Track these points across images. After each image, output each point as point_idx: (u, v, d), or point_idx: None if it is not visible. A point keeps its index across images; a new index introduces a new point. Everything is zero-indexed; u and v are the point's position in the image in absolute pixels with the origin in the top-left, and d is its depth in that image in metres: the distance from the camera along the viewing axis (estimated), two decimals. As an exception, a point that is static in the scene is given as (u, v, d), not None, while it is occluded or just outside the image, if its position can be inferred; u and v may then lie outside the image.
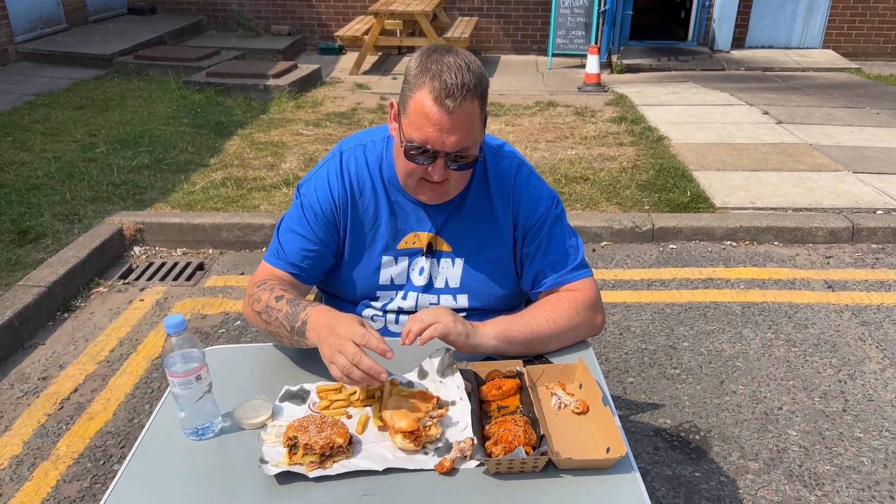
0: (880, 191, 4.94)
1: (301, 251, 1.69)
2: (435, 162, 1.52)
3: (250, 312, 1.67)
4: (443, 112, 1.45)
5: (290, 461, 1.28)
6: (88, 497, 2.48)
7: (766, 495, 2.48)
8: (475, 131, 1.52)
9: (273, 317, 1.58)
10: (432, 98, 1.45)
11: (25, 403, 2.96)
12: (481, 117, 1.53)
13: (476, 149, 1.56)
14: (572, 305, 1.67)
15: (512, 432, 1.31)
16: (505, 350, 1.59)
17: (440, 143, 1.48)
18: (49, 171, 5.10)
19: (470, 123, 1.49)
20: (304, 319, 1.51)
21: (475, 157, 1.56)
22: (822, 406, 2.93)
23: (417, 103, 1.47)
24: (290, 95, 7.38)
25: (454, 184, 1.60)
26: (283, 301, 1.58)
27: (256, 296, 1.64)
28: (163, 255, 4.28)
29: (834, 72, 9.07)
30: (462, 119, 1.47)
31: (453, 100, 1.44)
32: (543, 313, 1.64)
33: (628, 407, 2.95)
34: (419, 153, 1.51)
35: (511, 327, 1.59)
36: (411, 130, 1.50)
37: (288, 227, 1.72)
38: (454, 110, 1.45)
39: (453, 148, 1.49)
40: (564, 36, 9.02)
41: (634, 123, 6.58)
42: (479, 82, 1.49)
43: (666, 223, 4.44)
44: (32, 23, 8.75)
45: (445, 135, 1.47)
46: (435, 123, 1.46)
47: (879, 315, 3.60)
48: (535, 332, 1.61)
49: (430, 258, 1.73)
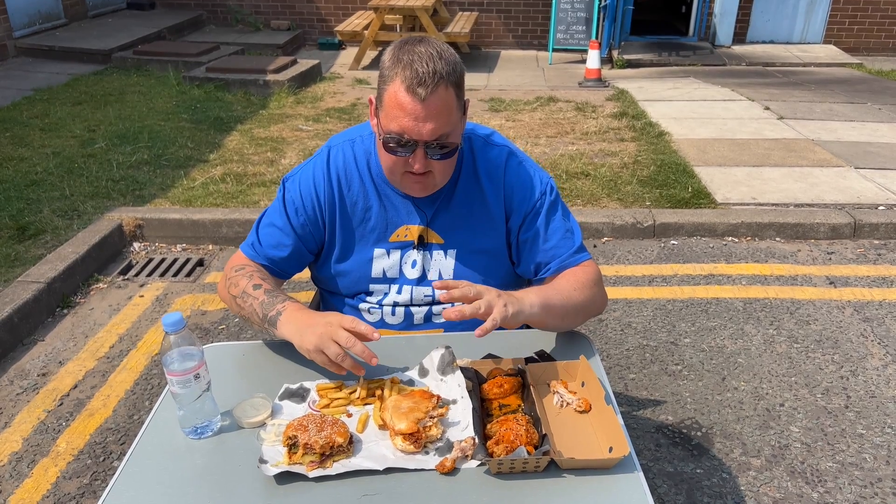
0: (882, 186, 4.92)
1: (277, 245, 1.70)
2: (414, 152, 1.51)
3: (226, 295, 1.69)
4: (416, 101, 1.45)
5: (289, 461, 1.27)
6: (88, 494, 2.47)
7: (768, 492, 2.47)
8: (452, 118, 1.51)
9: (248, 303, 1.59)
10: (405, 88, 1.45)
11: (25, 400, 2.95)
12: (458, 105, 1.53)
13: (456, 136, 1.55)
14: (587, 281, 1.69)
15: (514, 431, 1.30)
16: (543, 319, 1.57)
17: (416, 133, 1.48)
18: (48, 166, 5.09)
19: (445, 110, 1.48)
20: (279, 311, 1.52)
21: (455, 144, 1.54)
22: (824, 402, 2.92)
23: (391, 95, 1.48)
24: (289, 91, 7.36)
25: (439, 175, 1.59)
26: (261, 290, 1.59)
27: (234, 280, 1.65)
28: (162, 251, 4.27)
29: (835, 67, 9.04)
30: (436, 106, 1.46)
31: (425, 88, 1.44)
32: (570, 283, 1.65)
33: (630, 403, 2.94)
34: (397, 145, 1.51)
35: (550, 296, 1.59)
36: (388, 122, 1.50)
37: (268, 220, 1.73)
38: (427, 98, 1.45)
39: (430, 136, 1.48)
40: (565, 31, 8.99)
41: (635, 119, 6.56)
42: (451, 70, 1.48)
43: (667, 219, 4.42)
44: (31, 18, 8.72)
45: (421, 123, 1.47)
46: (409, 113, 1.46)
47: (881, 311, 3.58)
48: (570, 300, 1.62)
49: (422, 251, 1.72)
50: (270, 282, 1.65)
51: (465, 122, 1.63)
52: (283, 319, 1.52)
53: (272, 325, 1.54)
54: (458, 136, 1.57)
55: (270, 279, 1.68)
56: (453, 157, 1.58)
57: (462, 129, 1.60)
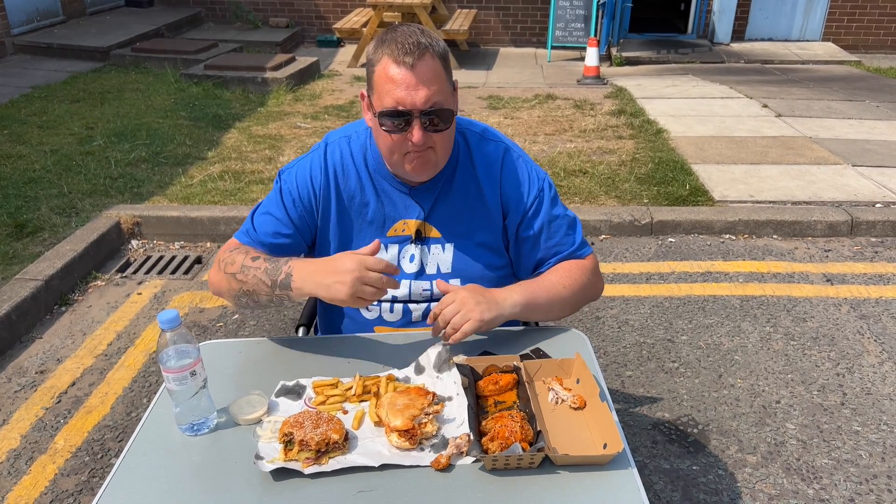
0: (879, 184, 4.93)
1: (273, 233, 1.69)
2: (411, 125, 1.51)
3: (221, 277, 1.64)
4: (405, 69, 1.47)
5: (285, 457, 1.28)
6: (86, 491, 2.47)
7: (764, 489, 2.48)
8: (444, 88, 1.52)
9: (251, 275, 1.56)
10: (392, 61, 1.48)
11: (23, 397, 2.95)
12: (447, 78, 1.54)
13: (451, 108, 1.55)
14: (585, 272, 1.74)
15: (508, 428, 1.30)
16: (525, 315, 1.66)
17: (410, 101, 1.48)
18: (46, 164, 5.09)
19: (436, 78, 1.50)
20: (287, 272, 1.52)
21: (451, 112, 1.55)
22: (820, 399, 2.93)
23: (381, 73, 1.50)
24: (288, 88, 7.35)
25: (440, 150, 1.59)
26: (261, 259, 1.58)
27: (229, 259, 1.62)
28: (160, 249, 4.27)
29: (834, 64, 9.05)
30: (426, 73, 1.48)
31: (412, 56, 1.47)
32: (561, 279, 1.70)
33: (626, 400, 2.94)
34: (394, 119, 1.51)
35: (537, 294, 1.65)
36: (381, 100, 1.51)
37: (264, 209, 1.72)
38: (415, 64, 1.47)
39: (424, 103, 1.49)
40: (564, 28, 8.98)
41: (633, 116, 6.56)
42: (435, 43, 1.52)
43: (665, 216, 4.43)
44: (29, 15, 8.71)
45: (413, 91, 1.48)
46: (400, 83, 1.48)
47: (878, 308, 3.59)
48: (556, 297, 1.68)
49: (420, 245, 1.73)
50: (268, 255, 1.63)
51: (457, 102, 1.63)
52: (297, 278, 1.50)
53: (285, 287, 1.52)
54: (453, 106, 1.57)
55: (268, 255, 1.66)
56: (450, 128, 1.57)
57: (455, 105, 1.59)
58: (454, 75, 1.61)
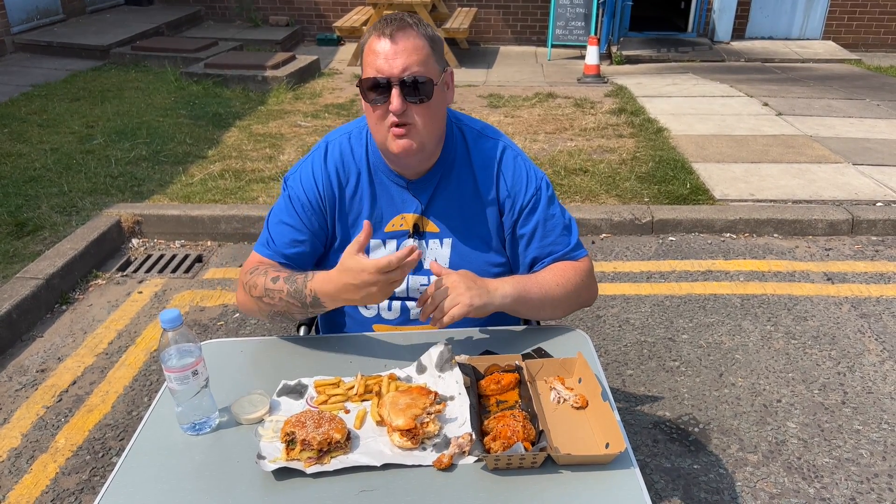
0: (880, 182, 4.93)
1: (291, 241, 1.70)
2: (390, 94, 1.53)
3: (248, 300, 1.68)
4: (385, 39, 1.52)
5: (287, 457, 1.28)
6: (87, 490, 2.48)
7: (764, 487, 2.48)
8: (425, 60, 1.54)
9: (276, 298, 1.60)
10: (375, 34, 1.54)
11: (24, 396, 2.95)
12: (433, 56, 1.56)
13: (433, 78, 1.55)
14: (578, 274, 1.74)
15: (511, 427, 1.30)
16: (515, 310, 1.66)
17: (388, 70, 1.51)
18: (46, 162, 5.08)
19: (416, 51, 1.53)
20: (313, 296, 1.56)
21: (431, 83, 1.55)
22: (821, 398, 2.93)
23: (366, 51, 1.55)
24: (288, 87, 7.35)
25: (422, 125, 1.57)
26: (281, 281, 1.60)
27: (251, 282, 1.65)
28: (161, 248, 4.27)
29: (834, 63, 9.04)
30: (405, 46, 1.52)
31: (391, 27, 1.52)
32: (555, 278, 1.71)
33: (627, 399, 2.94)
34: (373, 89, 1.54)
35: (529, 289, 1.66)
36: (365, 72, 1.56)
37: (277, 218, 1.74)
38: (395, 35, 1.51)
39: (401, 71, 1.51)
40: (564, 27, 8.98)
41: (634, 115, 6.56)
42: (423, 24, 1.56)
43: (665, 215, 4.43)
44: (29, 13, 8.70)
45: (391, 60, 1.51)
46: (379, 53, 1.52)
47: (879, 307, 3.59)
48: (548, 295, 1.68)
49: (418, 240, 1.73)
50: (285, 270, 1.66)
51: (452, 90, 1.65)
52: (325, 300, 1.55)
53: (317, 306, 1.58)
54: (440, 94, 1.58)
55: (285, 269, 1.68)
56: (432, 103, 1.57)
57: (440, 82, 1.58)
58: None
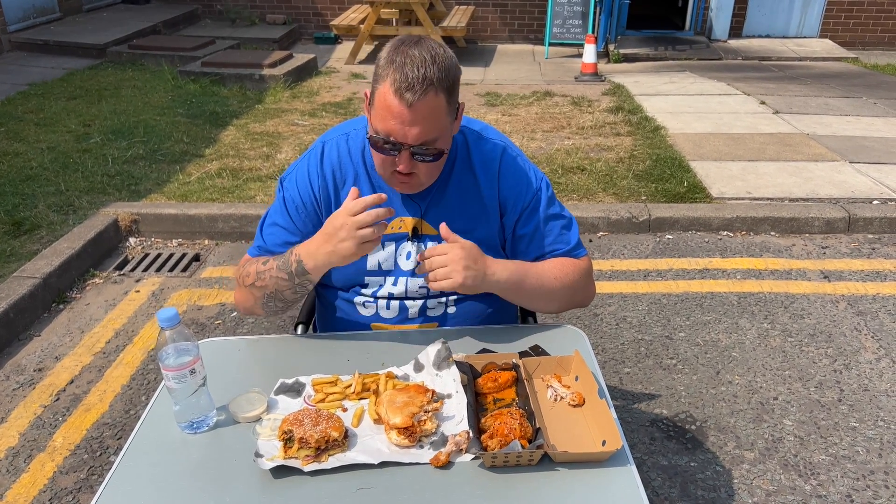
0: (876, 181, 4.94)
1: (283, 244, 1.71)
2: (400, 154, 1.53)
3: (243, 292, 1.71)
4: (403, 105, 1.46)
5: (285, 455, 1.28)
6: (85, 488, 2.48)
7: (761, 485, 2.49)
8: (441, 124, 1.52)
9: (267, 276, 1.62)
10: (393, 91, 1.46)
11: (21, 395, 2.95)
12: (449, 111, 1.53)
13: (445, 142, 1.56)
14: (577, 272, 1.75)
15: (508, 425, 1.31)
16: (508, 296, 1.68)
17: (402, 136, 1.49)
18: (43, 161, 5.08)
19: (433, 116, 1.49)
20: (296, 260, 1.57)
21: (441, 150, 1.55)
22: (817, 396, 2.94)
23: (381, 96, 1.49)
24: (285, 85, 7.34)
25: (424, 176, 1.60)
26: (271, 261, 1.64)
27: (244, 273, 1.69)
28: (158, 246, 4.27)
29: (831, 61, 9.06)
30: (423, 112, 1.47)
31: (413, 93, 1.44)
32: (554, 271, 1.71)
33: (624, 397, 2.95)
34: (383, 144, 1.53)
35: (526, 278, 1.67)
36: (377, 122, 1.52)
37: (271, 220, 1.75)
38: (414, 103, 1.45)
39: (415, 140, 1.50)
40: (561, 25, 8.98)
41: (631, 113, 6.57)
42: (443, 75, 1.48)
43: (662, 213, 4.43)
44: (25, 12, 8.68)
45: (407, 127, 1.48)
46: (396, 116, 1.47)
47: (875, 305, 3.60)
48: (544, 286, 1.69)
49: (416, 242, 1.73)
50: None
51: (458, 125, 1.64)
52: (307, 260, 1.56)
53: (301, 273, 1.58)
54: (447, 141, 1.58)
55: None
56: (440, 160, 1.59)
57: (452, 134, 1.61)
58: None
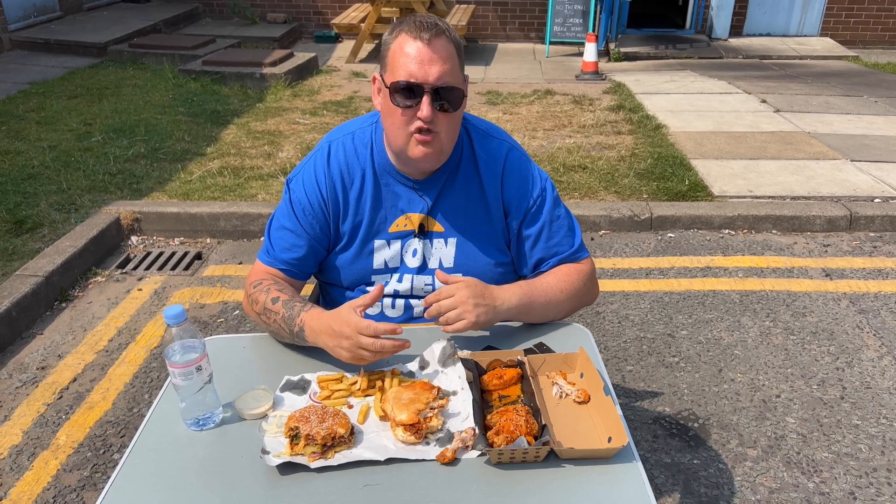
0: (878, 179, 4.94)
1: (291, 247, 1.71)
2: (421, 100, 1.52)
3: (251, 312, 1.70)
4: (422, 43, 1.50)
5: (291, 452, 1.28)
6: (89, 486, 2.48)
7: (764, 482, 2.49)
8: (456, 70, 1.54)
9: (272, 319, 1.61)
10: (410, 36, 1.51)
11: (24, 393, 2.96)
12: (460, 64, 1.56)
13: (461, 87, 1.57)
14: (580, 278, 1.75)
15: (513, 422, 1.31)
16: (519, 318, 1.68)
17: (423, 76, 1.50)
18: (45, 160, 5.08)
19: (449, 58, 1.52)
20: (300, 326, 1.55)
21: (461, 92, 1.56)
22: (819, 394, 2.94)
23: (396, 50, 1.52)
24: (286, 84, 7.34)
25: (445, 135, 1.58)
26: (280, 303, 1.60)
27: (254, 297, 1.66)
28: (160, 245, 4.27)
29: (832, 60, 9.05)
30: (441, 52, 1.51)
31: (428, 32, 1.50)
32: (559, 283, 1.72)
33: (627, 395, 2.95)
34: (404, 91, 1.52)
35: (534, 299, 1.67)
36: (394, 74, 1.53)
37: (278, 223, 1.74)
38: (432, 41, 1.50)
39: (436, 79, 1.50)
40: (562, 24, 8.98)
41: (632, 112, 6.56)
42: (450, 30, 1.54)
43: (664, 212, 4.43)
44: (26, 10, 8.68)
45: (427, 66, 1.50)
46: (415, 57, 1.50)
47: (877, 303, 3.61)
48: (552, 301, 1.70)
49: (423, 239, 1.73)
50: (288, 290, 1.65)
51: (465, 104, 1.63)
52: (309, 335, 1.54)
53: (300, 339, 1.57)
54: (464, 89, 1.59)
55: (288, 287, 1.68)
56: (458, 113, 1.59)
57: (464, 95, 1.60)
58: None
